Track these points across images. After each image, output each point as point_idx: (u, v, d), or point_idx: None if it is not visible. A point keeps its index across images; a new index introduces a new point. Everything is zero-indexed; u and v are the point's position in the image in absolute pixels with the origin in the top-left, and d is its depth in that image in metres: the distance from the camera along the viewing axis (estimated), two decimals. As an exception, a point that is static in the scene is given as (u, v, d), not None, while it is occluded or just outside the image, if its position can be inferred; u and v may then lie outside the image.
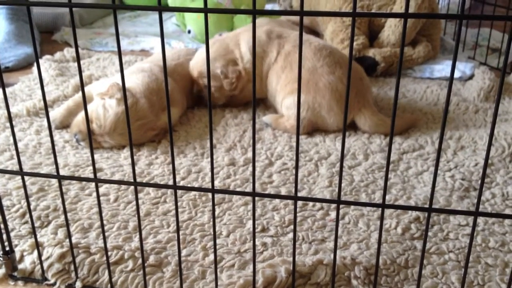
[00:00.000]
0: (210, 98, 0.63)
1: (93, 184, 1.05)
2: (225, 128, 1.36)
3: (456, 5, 2.34)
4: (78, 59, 0.63)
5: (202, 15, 2.06)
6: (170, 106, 0.63)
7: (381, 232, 0.67)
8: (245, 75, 1.40)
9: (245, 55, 1.40)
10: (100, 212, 0.72)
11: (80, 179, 0.74)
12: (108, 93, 1.21)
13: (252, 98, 0.62)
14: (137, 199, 0.69)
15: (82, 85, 0.66)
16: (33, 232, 0.79)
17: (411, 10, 1.70)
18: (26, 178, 1.04)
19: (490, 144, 0.60)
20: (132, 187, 1.05)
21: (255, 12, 0.58)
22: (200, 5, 2.05)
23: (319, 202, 1.01)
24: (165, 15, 2.47)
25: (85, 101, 0.67)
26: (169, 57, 1.48)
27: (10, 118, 0.72)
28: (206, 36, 0.60)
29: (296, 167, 0.63)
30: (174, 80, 1.37)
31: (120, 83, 1.20)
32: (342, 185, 1.09)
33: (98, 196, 0.71)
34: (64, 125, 1.31)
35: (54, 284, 0.81)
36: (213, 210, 0.67)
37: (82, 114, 1.24)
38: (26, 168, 1.11)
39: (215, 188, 0.71)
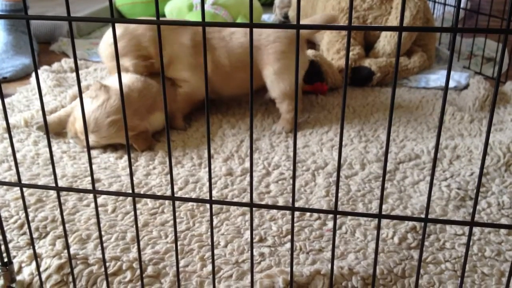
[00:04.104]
0: (209, 121, 0.63)
1: (91, 195, 1.06)
2: (223, 138, 1.36)
3: (451, 14, 2.36)
4: (77, 71, 0.64)
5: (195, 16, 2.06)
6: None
7: (377, 242, 0.67)
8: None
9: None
10: (98, 223, 0.73)
11: (78, 190, 0.74)
12: (89, 94, 1.25)
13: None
14: (135, 210, 0.69)
15: (81, 96, 0.66)
16: (32, 243, 0.79)
17: (406, 21, 1.72)
18: (24, 189, 1.04)
19: (485, 154, 0.61)
20: (130, 198, 1.05)
21: (252, 26, 0.59)
22: (198, 15, 2.07)
23: (316, 213, 1.02)
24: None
25: (83, 112, 0.67)
26: None
27: (8, 129, 0.72)
28: (204, 49, 0.61)
29: (293, 177, 0.64)
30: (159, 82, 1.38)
31: (102, 82, 1.23)
32: (339, 194, 1.10)
33: (96, 208, 0.71)
34: (55, 132, 1.33)
35: (52, 295, 0.82)
36: (211, 222, 0.68)
37: (71, 116, 1.28)
38: (24, 179, 1.12)
39: (213, 198, 0.72)
